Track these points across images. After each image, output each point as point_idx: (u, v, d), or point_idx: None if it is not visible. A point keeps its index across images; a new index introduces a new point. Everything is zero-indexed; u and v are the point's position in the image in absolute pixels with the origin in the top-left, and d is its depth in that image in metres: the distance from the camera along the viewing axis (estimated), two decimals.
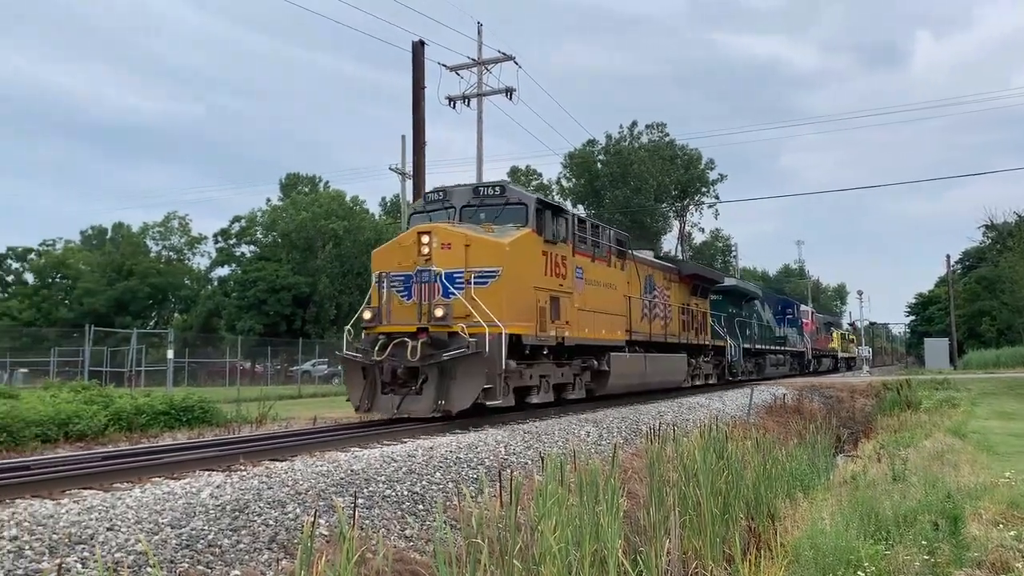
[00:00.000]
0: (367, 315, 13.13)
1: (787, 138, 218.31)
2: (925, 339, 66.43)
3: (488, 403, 12.51)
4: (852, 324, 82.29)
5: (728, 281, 30.47)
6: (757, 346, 32.61)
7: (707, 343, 25.25)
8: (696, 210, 67.72)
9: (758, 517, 9.81)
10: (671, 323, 21.83)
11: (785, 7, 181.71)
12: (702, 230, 70.68)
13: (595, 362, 16.44)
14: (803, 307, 48.43)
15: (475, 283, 12.86)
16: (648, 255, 22.57)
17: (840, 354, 60.82)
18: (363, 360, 12.89)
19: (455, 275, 12.99)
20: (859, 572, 6.61)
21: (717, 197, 66.78)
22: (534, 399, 14.29)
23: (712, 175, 66.65)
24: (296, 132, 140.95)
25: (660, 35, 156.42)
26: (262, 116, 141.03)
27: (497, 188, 14.59)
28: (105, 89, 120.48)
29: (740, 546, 8.01)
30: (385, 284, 13.16)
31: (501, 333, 12.32)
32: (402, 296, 13.12)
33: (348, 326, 14.16)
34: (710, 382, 25.97)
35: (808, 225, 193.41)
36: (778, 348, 37.30)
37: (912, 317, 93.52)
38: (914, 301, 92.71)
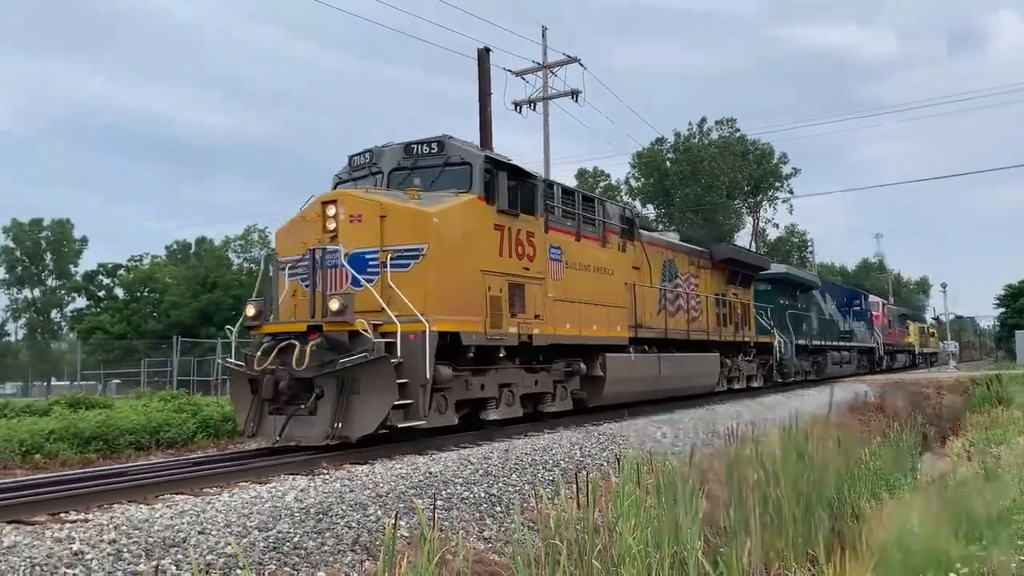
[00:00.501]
0: (250, 311, 10.31)
1: (863, 129, 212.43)
2: (1016, 332, 63.63)
3: (405, 424, 9.72)
4: (936, 318, 79.49)
5: (776, 268, 27.21)
6: (816, 342, 28.59)
7: (749, 340, 21.92)
8: (770, 205, 66.47)
9: (842, 517, 9.59)
10: (700, 317, 18.85)
11: None
12: (776, 226, 69.33)
13: (582, 365, 13.55)
14: (872, 298, 44.15)
15: (392, 266, 10.07)
16: (673, 237, 20.15)
17: (918, 349, 56.63)
18: (246, 370, 10.09)
19: (367, 256, 10.23)
20: (951, 574, 6.40)
21: (791, 192, 65.43)
22: (491, 415, 11.49)
23: (786, 169, 65.35)
24: (366, 143, 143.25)
25: (729, 31, 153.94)
26: (333, 129, 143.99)
27: (434, 145, 11.53)
28: (184, 109, 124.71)
29: (824, 547, 7.86)
30: (274, 270, 10.55)
31: (425, 331, 9.54)
32: (307, 286, 10.31)
33: (232, 326, 11.20)
34: (753, 385, 22.38)
35: (887, 218, 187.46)
36: (842, 344, 32.98)
37: (1001, 309, 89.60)
38: (1003, 292, 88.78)
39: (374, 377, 9.33)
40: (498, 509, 7.93)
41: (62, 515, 6.28)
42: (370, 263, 10.16)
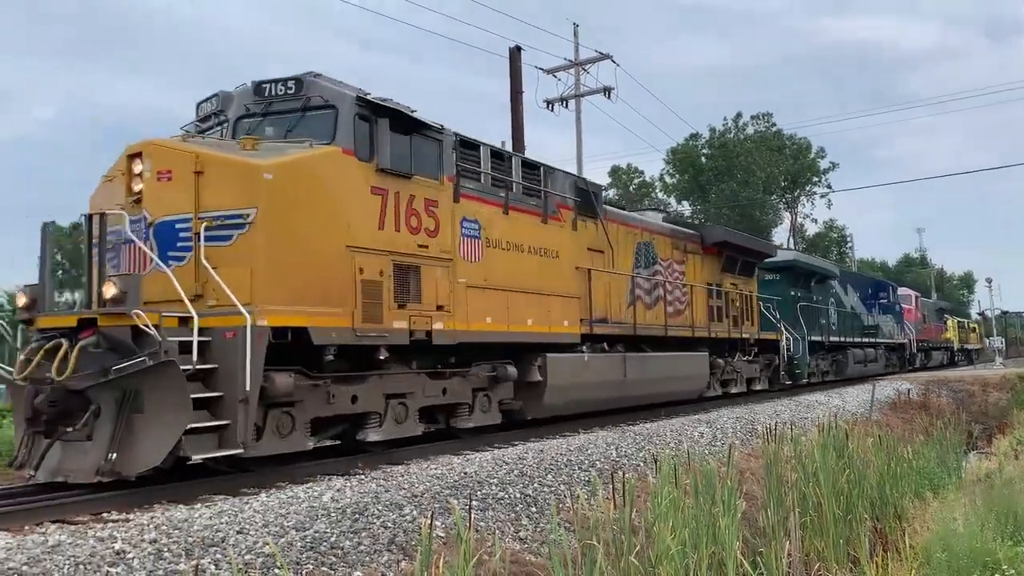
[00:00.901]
0: (21, 299, 7.83)
1: (902, 121, 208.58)
2: None
3: (212, 455, 7.35)
4: (981, 313, 77.82)
5: (784, 254, 24.34)
6: (834, 338, 25.66)
7: (749, 336, 19.20)
8: (808, 201, 65.63)
9: (884, 518, 9.44)
10: (686, 310, 16.33)
11: None
12: (815, 221, 68.46)
13: (511, 369, 11.05)
14: (903, 290, 41.06)
15: (208, 239, 7.66)
16: (654, 217, 17.56)
17: (958, 345, 52.97)
18: (14, 377, 7.53)
19: (177, 225, 7.92)
20: (997, 575, 6.27)
21: (829, 186, 64.51)
22: (371, 435, 9.06)
23: (823, 164, 64.48)
24: None
25: (764, 25, 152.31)
26: None
27: (292, 83, 9.07)
28: None
29: (865, 547, 7.73)
30: (47, 245, 8.08)
31: (246, 326, 7.21)
32: (114, 265, 8.05)
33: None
34: (756, 388, 19.74)
35: (930, 212, 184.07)
36: (867, 340, 29.93)
37: None
38: None
39: (160, 391, 6.90)
40: (533, 510, 7.91)
41: (103, 515, 6.38)
42: (181, 235, 7.85)
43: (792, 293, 22.97)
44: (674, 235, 16.97)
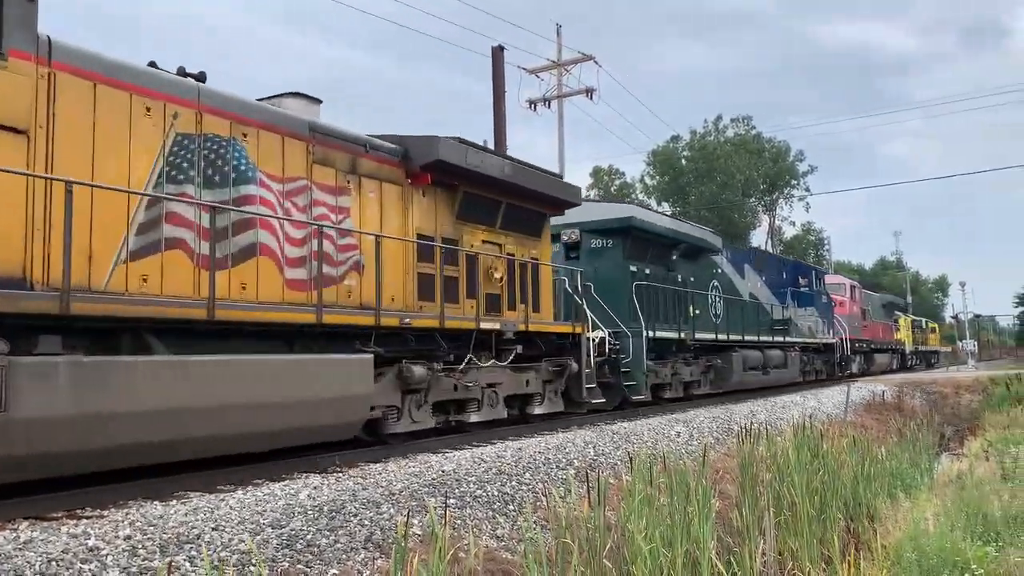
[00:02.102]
0: None
1: (883, 126, 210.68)
2: None
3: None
4: (955, 317, 78.75)
5: (613, 210, 16.81)
6: (705, 335, 18.28)
7: (498, 327, 11.63)
8: (786, 203, 66.15)
9: (857, 518, 9.55)
10: (346, 276, 9.71)
11: None
12: (793, 224, 69.02)
13: None
14: (834, 278, 35.01)
15: None
16: (295, 105, 9.73)
17: (911, 347, 46.75)
18: None
19: None
20: (966, 575, 6.37)
21: (807, 190, 65.06)
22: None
23: (802, 167, 65.03)
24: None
25: (748, 28, 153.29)
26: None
27: None
28: None
29: (838, 547, 7.82)
30: None
31: None
32: None
33: None
34: (534, 411, 12.82)
35: (906, 216, 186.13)
36: (772, 340, 22.16)
37: (1022, 308, 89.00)
38: (1023, 291, 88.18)
39: None
40: (511, 508, 7.93)
41: (78, 511, 6.33)
42: None
43: (631, 269, 16.00)
44: (328, 142, 9.60)
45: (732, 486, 9.66)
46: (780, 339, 22.89)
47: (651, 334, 15.55)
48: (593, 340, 13.85)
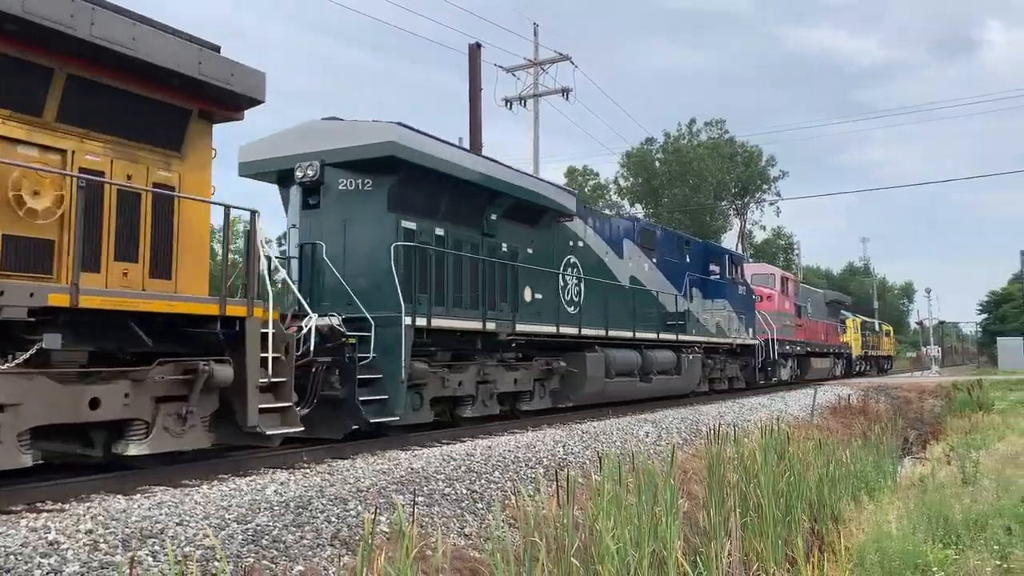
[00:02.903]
0: None
1: (855, 132, 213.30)
2: (998, 338, 64.27)
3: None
4: (920, 323, 79.94)
5: (366, 132, 10.96)
6: (551, 329, 13.60)
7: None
8: (757, 208, 66.71)
9: (821, 519, 9.66)
10: None
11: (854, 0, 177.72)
12: (763, 228, 69.59)
13: None
14: (761, 267, 29.83)
15: None
16: None
17: (859, 351, 41.90)
18: None
19: None
20: None
21: (778, 194, 65.66)
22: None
23: (773, 172, 65.59)
24: None
25: (725, 32, 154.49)
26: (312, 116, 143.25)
27: None
28: None
29: (803, 548, 7.90)
30: None
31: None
32: None
33: None
34: None
35: (875, 222, 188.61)
36: (658, 340, 17.07)
37: (984, 316, 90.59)
38: (986, 299, 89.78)
39: None
40: (479, 506, 7.92)
41: (38, 505, 6.22)
42: None
43: (400, 225, 11.08)
44: None
45: (700, 487, 9.73)
46: (673, 337, 17.64)
47: (419, 322, 10.40)
48: (303, 329, 9.07)
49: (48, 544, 5.16)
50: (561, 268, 14.48)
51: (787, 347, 26.66)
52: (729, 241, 63.97)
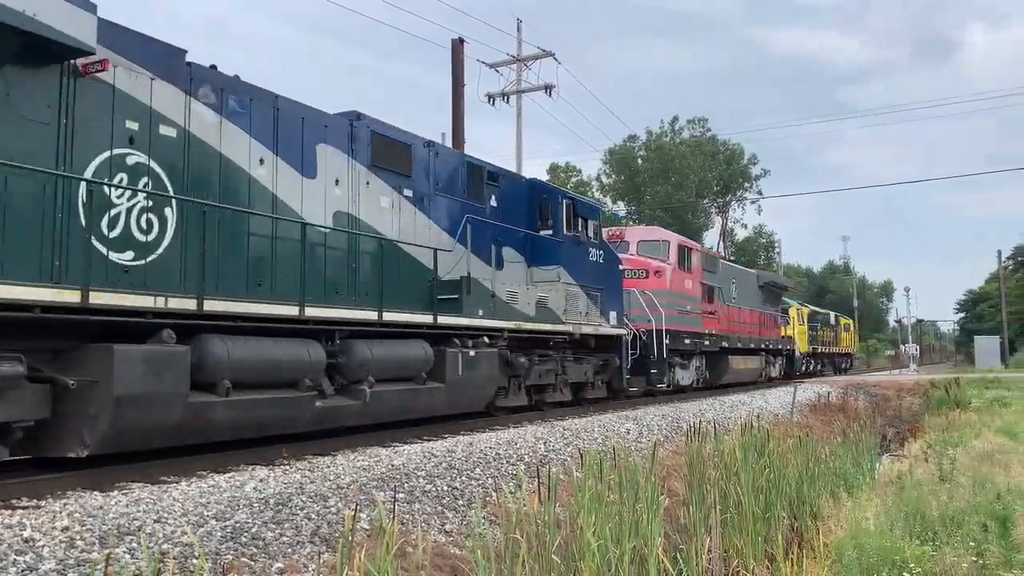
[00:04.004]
0: None
1: (836, 132, 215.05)
2: (975, 337, 64.99)
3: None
4: (899, 321, 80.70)
5: None
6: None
7: None
8: (738, 206, 67.03)
9: (800, 516, 9.71)
10: None
11: (837, 1, 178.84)
12: (745, 226, 69.92)
13: None
14: (655, 233, 22.17)
15: None
16: None
17: (806, 348, 35.47)
18: None
19: None
20: (904, 573, 6.51)
21: (760, 193, 66.00)
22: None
23: (755, 170, 65.93)
24: None
25: (706, 32, 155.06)
26: None
27: None
28: None
29: (782, 545, 7.95)
30: None
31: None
32: None
33: None
34: None
35: (854, 221, 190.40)
36: (397, 324, 10.59)
37: (962, 314, 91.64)
38: (964, 298, 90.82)
39: None
40: (460, 503, 7.91)
41: (13, 501, 6.15)
42: None
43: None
44: None
45: (680, 483, 9.76)
46: (429, 319, 11.21)
47: None
48: None
49: (23, 541, 5.09)
50: (92, 170, 7.53)
51: (687, 341, 20.11)
52: (711, 239, 64.32)
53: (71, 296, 6.73)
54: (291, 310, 8.92)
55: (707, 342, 21.81)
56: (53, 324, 6.78)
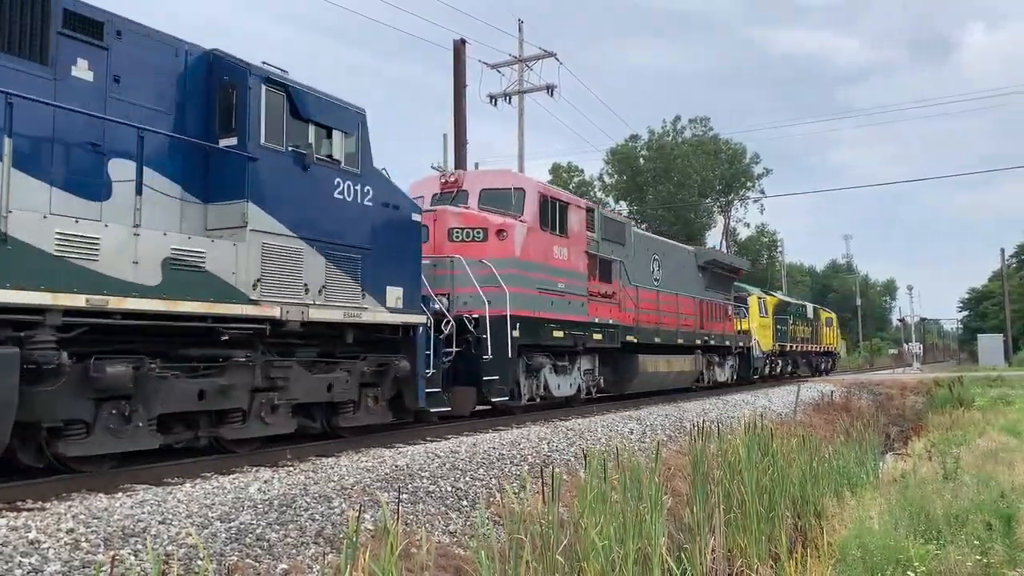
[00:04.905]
0: None
1: (835, 131, 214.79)
2: (978, 335, 64.90)
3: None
4: (902, 319, 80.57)
5: None
6: None
7: None
8: (741, 205, 66.96)
9: (804, 515, 9.72)
10: None
11: (836, 1, 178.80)
12: (747, 225, 69.86)
13: None
14: (509, 180, 14.43)
15: None
16: None
17: (770, 347, 28.51)
18: None
19: None
20: (908, 572, 6.51)
21: (762, 192, 65.94)
22: None
23: (757, 169, 65.86)
24: None
25: (706, 32, 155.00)
26: None
27: None
28: None
29: (786, 544, 7.95)
30: None
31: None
32: None
33: None
34: None
35: (857, 220, 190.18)
36: None
37: (965, 312, 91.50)
38: (967, 296, 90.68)
39: None
40: (464, 503, 7.91)
41: (18, 503, 6.16)
42: None
43: None
44: None
45: (684, 483, 9.76)
46: None
47: None
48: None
49: (29, 543, 5.11)
50: None
51: (554, 332, 13.84)
52: (713, 238, 64.25)
53: None
54: None
55: (598, 336, 15.40)
56: None
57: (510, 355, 12.55)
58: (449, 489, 8.11)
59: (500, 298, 12.53)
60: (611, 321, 15.99)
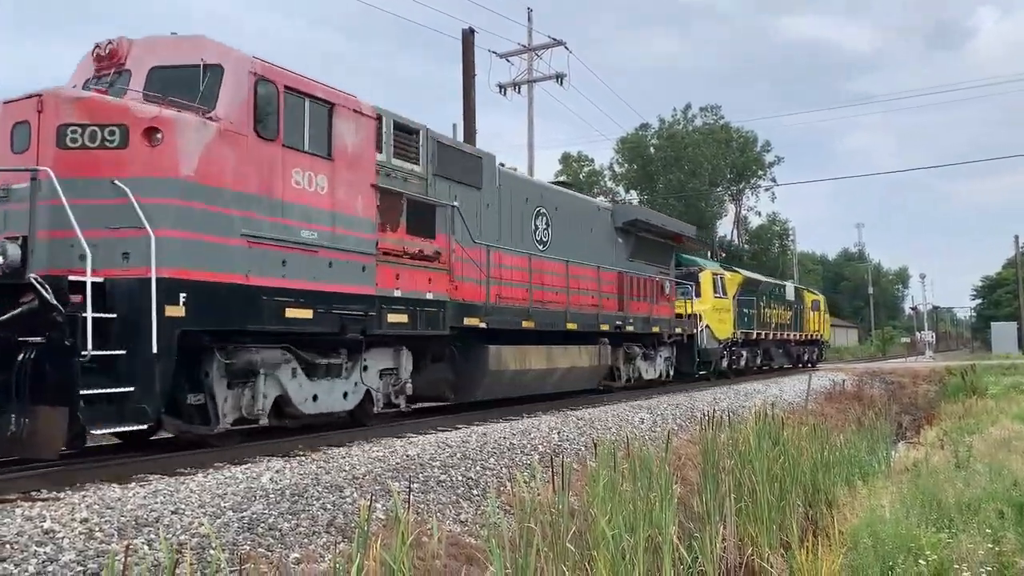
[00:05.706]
0: None
1: (846, 119, 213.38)
2: (992, 323, 64.56)
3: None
4: (914, 308, 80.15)
5: None
6: None
7: None
8: (752, 193, 66.65)
9: (815, 504, 9.70)
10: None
11: None
12: (759, 214, 69.56)
13: None
14: (198, 47, 8.07)
15: None
16: None
17: (727, 334, 22.68)
18: None
19: None
20: (920, 560, 6.50)
21: (774, 180, 65.60)
22: None
23: (768, 157, 65.52)
24: None
25: (716, 21, 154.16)
26: None
27: None
28: None
29: (797, 533, 7.95)
30: None
31: None
32: None
33: None
34: None
35: (868, 208, 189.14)
36: None
37: (978, 301, 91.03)
38: (980, 284, 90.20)
39: None
40: (475, 492, 7.94)
41: (33, 493, 6.22)
42: None
43: None
44: None
45: (694, 472, 9.76)
46: None
47: None
48: None
49: (44, 533, 5.16)
50: None
51: (287, 311, 8.48)
52: (725, 227, 64.00)
53: None
54: None
55: (399, 317, 10.21)
56: None
57: (155, 349, 7.02)
58: (460, 478, 8.14)
59: (142, 248, 7.12)
60: (430, 296, 10.82)
